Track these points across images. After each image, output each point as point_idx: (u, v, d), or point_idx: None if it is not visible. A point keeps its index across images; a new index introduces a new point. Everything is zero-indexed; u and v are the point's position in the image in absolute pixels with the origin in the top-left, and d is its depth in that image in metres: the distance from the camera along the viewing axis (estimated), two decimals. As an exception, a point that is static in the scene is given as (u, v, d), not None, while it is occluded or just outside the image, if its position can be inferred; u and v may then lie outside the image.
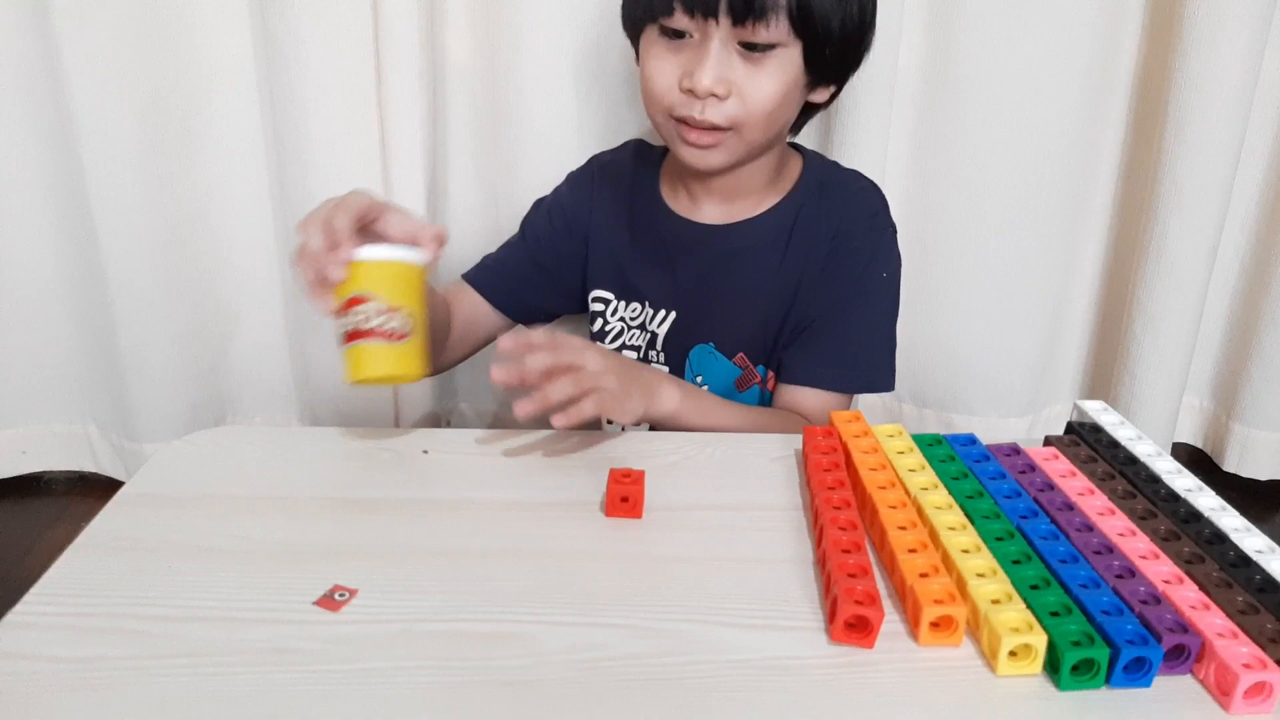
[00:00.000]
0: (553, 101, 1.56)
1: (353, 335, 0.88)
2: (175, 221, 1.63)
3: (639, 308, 1.22)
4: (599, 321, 1.25)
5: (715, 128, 1.03)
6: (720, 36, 0.99)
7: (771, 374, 1.18)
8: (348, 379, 0.90)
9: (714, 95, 1.01)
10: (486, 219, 1.67)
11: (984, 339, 1.74)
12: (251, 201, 1.67)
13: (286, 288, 1.73)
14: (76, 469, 1.86)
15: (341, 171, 1.58)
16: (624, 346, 1.23)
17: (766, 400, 1.19)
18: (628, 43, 1.12)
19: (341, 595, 0.70)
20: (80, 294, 1.69)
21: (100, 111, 1.52)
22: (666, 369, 1.21)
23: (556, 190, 1.28)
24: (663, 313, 1.20)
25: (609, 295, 1.24)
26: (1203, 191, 1.57)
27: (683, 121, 1.04)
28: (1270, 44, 1.51)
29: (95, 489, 1.83)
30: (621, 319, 1.23)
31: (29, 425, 1.82)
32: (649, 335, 1.21)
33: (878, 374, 1.17)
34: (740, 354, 1.18)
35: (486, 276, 1.24)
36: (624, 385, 0.94)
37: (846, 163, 1.52)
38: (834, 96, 1.13)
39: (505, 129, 1.59)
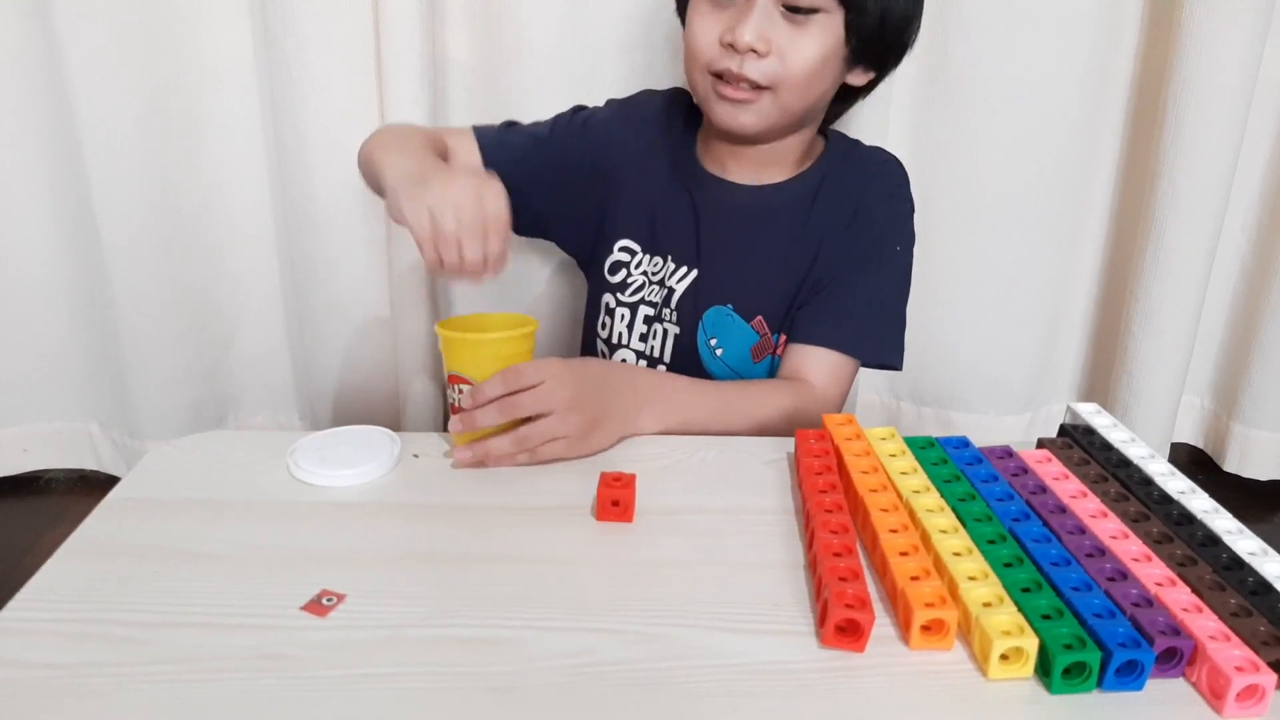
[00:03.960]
0: (553, 102, 1.56)
1: (454, 409, 0.91)
2: (176, 220, 1.64)
3: (661, 262, 1.21)
4: (622, 272, 1.23)
5: (754, 85, 1.05)
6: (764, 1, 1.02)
7: (784, 337, 1.17)
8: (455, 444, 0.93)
9: (754, 51, 1.02)
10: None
11: (983, 337, 1.74)
12: (252, 201, 1.67)
13: (286, 287, 1.73)
14: (78, 467, 1.87)
15: (342, 171, 1.58)
16: (642, 301, 1.21)
17: (778, 366, 1.18)
18: (628, 42, 1.13)
19: (329, 600, 0.70)
20: (81, 293, 1.69)
21: (101, 111, 1.52)
22: (677, 329, 1.20)
23: (599, 112, 1.26)
24: (684, 269, 1.19)
25: (635, 246, 1.23)
26: (1201, 191, 1.57)
27: (720, 77, 1.06)
28: (1269, 44, 1.51)
29: (96, 488, 1.82)
30: (645, 272, 1.22)
31: (30, 424, 1.82)
32: (666, 291, 1.20)
33: (887, 347, 1.17)
34: (759, 318, 1.17)
35: (498, 153, 1.20)
36: (590, 421, 0.93)
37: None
38: (873, 85, 1.15)
39: (505, 129, 1.59)
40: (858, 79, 1.13)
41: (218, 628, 0.67)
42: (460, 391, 0.91)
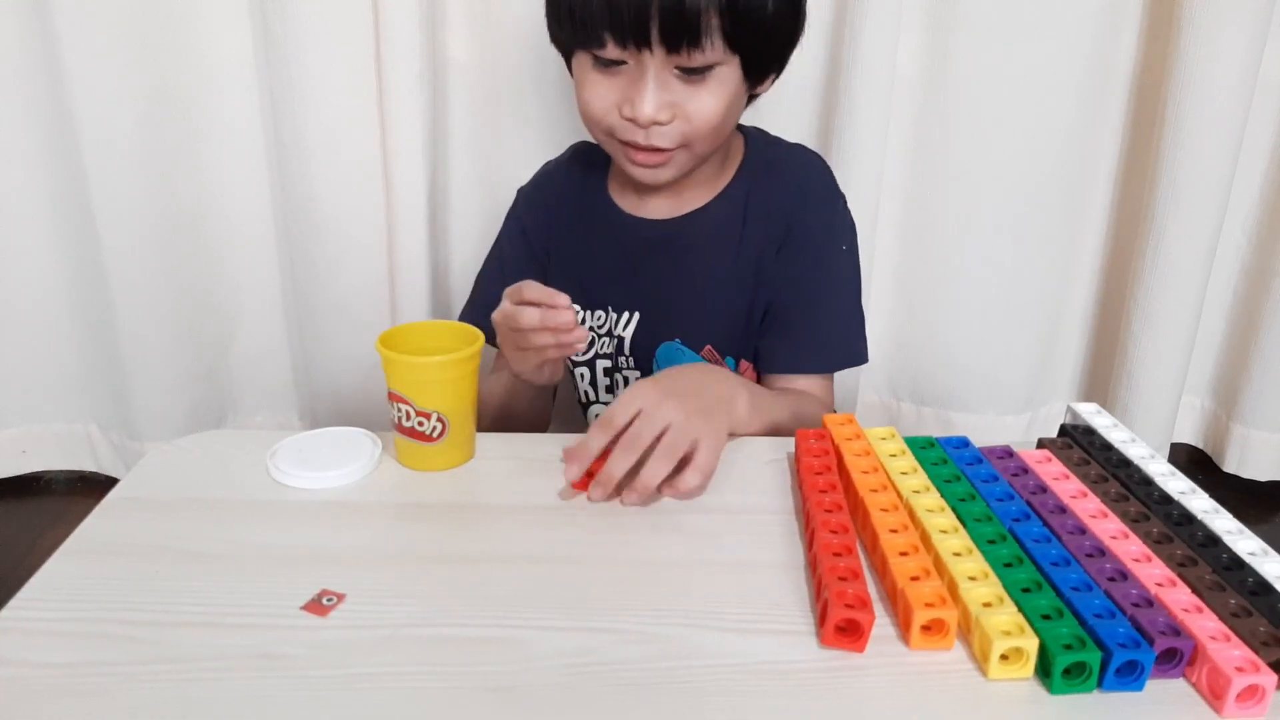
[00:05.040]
0: (552, 102, 1.56)
1: (395, 426, 0.90)
2: (176, 221, 1.64)
3: (603, 314, 1.19)
4: None
5: (665, 149, 1.02)
6: (656, 63, 0.97)
7: (745, 364, 1.16)
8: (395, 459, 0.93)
9: (657, 122, 0.99)
10: (486, 219, 1.67)
11: (983, 337, 1.74)
12: (252, 201, 1.68)
13: (286, 288, 1.73)
14: (77, 468, 1.87)
15: (342, 171, 1.58)
16: (596, 356, 1.20)
17: None
18: None
19: (329, 600, 0.70)
20: (81, 294, 1.69)
21: (100, 111, 1.52)
22: (637, 373, 1.19)
23: (515, 210, 1.24)
24: (626, 314, 1.17)
25: (575, 307, 1.15)
26: (1201, 191, 1.57)
27: (627, 144, 1.03)
28: (1269, 44, 1.51)
29: (95, 489, 1.82)
30: (591, 329, 1.19)
31: (30, 425, 1.82)
32: (616, 340, 1.18)
33: (854, 348, 1.16)
34: (708, 346, 1.16)
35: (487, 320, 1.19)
36: (701, 416, 0.88)
37: (845, 163, 1.52)
38: (775, 79, 1.10)
39: (505, 129, 1.59)
40: (764, 88, 1.09)
41: (218, 628, 0.67)
42: (400, 410, 0.89)
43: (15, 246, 1.67)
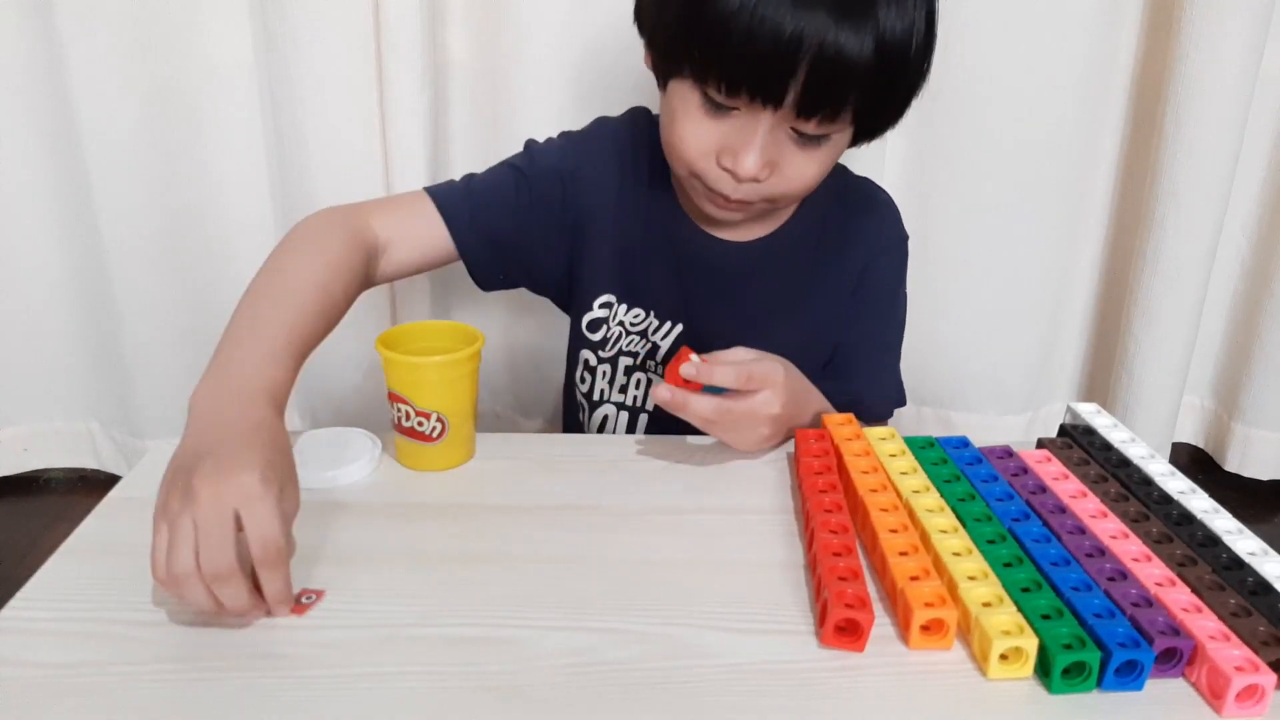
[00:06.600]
0: (553, 102, 1.56)
1: (395, 426, 0.91)
2: (177, 220, 1.64)
3: (641, 314, 1.10)
4: (602, 330, 1.11)
5: (748, 202, 0.96)
6: (774, 120, 0.88)
7: None
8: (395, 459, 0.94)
9: (754, 180, 0.91)
10: (486, 219, 1.66)
11: (982, 337, 1.74)
12: (253, 201, 1.67)
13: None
14: (78, 466, 1.87)
15: (342, 171, 1.58)
16: (621, 353, 1.12)
17: None
18: (628, 43, 1.02)
19: (308, 598, 0.70)
20: (82, 292, 1.70)
21: (102, 111, 1.52)
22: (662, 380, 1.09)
23: (554, 152, 1.10)
24: (669, 324, 1.10)
25: (612, 299, 1.11)
26: (1201, 191, 1.57)
27: (713, 191, 0.95)
28: (1269, 43, 1.51)
29: (96, 488, 1.83)
30: (621, 323, 1.11)
31: (31, 423, 1.82)
32: (649, 344, 1.11)
33: (901, 391, 1.17)
34: None
35: (466, 218, 1.06)
36: (779, 420, 0.92)
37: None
38: None
39: (505, 129, 1.59)
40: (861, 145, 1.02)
41: (217, 627, 0.67)
42: (400, 410, 0.89)
43: (17, 245, 1.67)
